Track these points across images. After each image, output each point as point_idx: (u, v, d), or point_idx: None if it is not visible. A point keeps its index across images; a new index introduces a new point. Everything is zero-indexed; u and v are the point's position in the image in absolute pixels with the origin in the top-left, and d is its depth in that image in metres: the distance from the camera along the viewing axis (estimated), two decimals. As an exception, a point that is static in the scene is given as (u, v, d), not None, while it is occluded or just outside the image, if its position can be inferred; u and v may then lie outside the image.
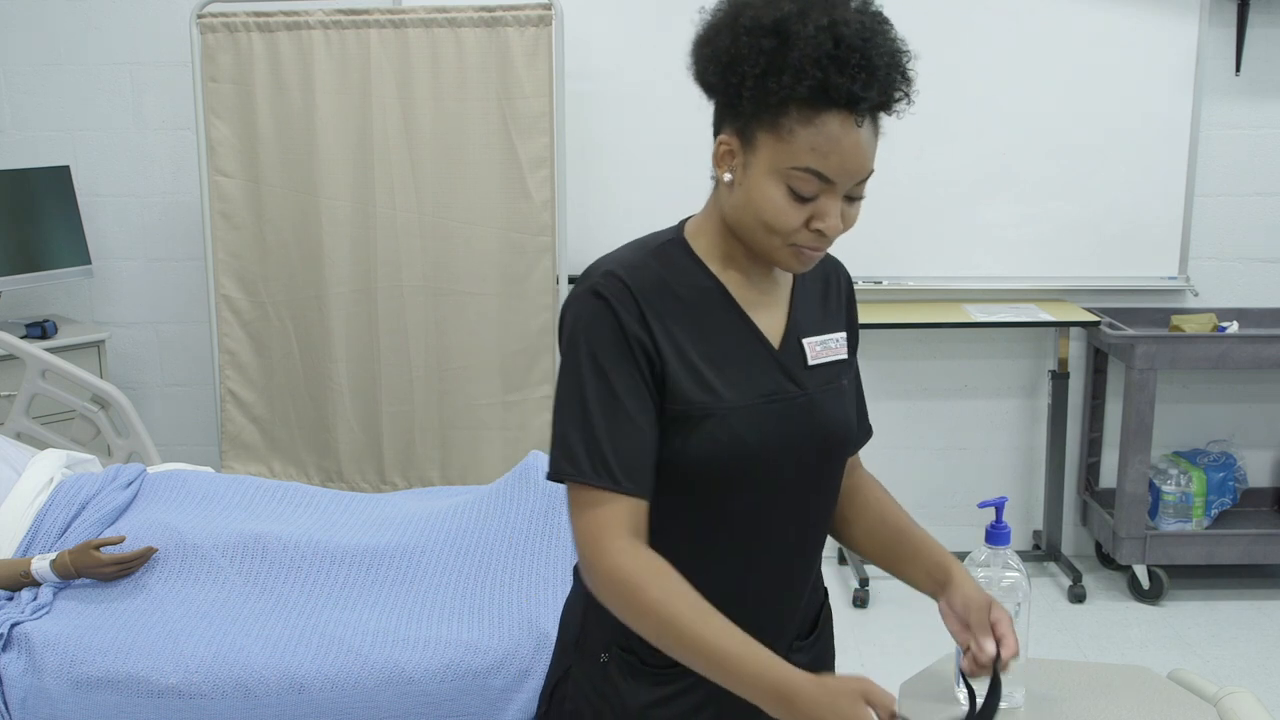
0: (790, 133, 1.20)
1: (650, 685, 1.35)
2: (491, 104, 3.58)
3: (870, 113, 1.22)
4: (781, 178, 1.21)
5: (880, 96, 1.20)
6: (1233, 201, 3.90)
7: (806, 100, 1.18)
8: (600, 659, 1.37)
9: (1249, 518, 3.95)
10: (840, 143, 1.19)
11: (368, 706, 2.13)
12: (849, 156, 1.20)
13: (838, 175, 1.21)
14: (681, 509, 1.31)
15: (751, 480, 1.31)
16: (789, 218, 1.23)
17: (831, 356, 1.37)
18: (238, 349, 3.81)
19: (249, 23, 3.62)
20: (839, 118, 1.19)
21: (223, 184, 3.71)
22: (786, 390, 1.32)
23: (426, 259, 3.68)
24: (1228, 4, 3.74)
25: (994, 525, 1.52)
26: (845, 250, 1.37)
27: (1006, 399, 4.05)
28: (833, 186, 1.22)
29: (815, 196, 1.22)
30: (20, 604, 2.33)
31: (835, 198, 1.23)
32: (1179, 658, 3.37)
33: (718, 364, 1.29)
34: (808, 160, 1.20)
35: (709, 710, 1.36)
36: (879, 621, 3.64)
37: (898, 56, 1.22)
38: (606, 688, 1.37)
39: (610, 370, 1.25)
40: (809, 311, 1.38)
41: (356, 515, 2.66)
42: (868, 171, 1.24)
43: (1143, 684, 1.56)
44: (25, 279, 3.79)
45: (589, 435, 1.24)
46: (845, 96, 1.18)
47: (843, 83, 1.17)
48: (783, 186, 1.22)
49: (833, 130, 1.19)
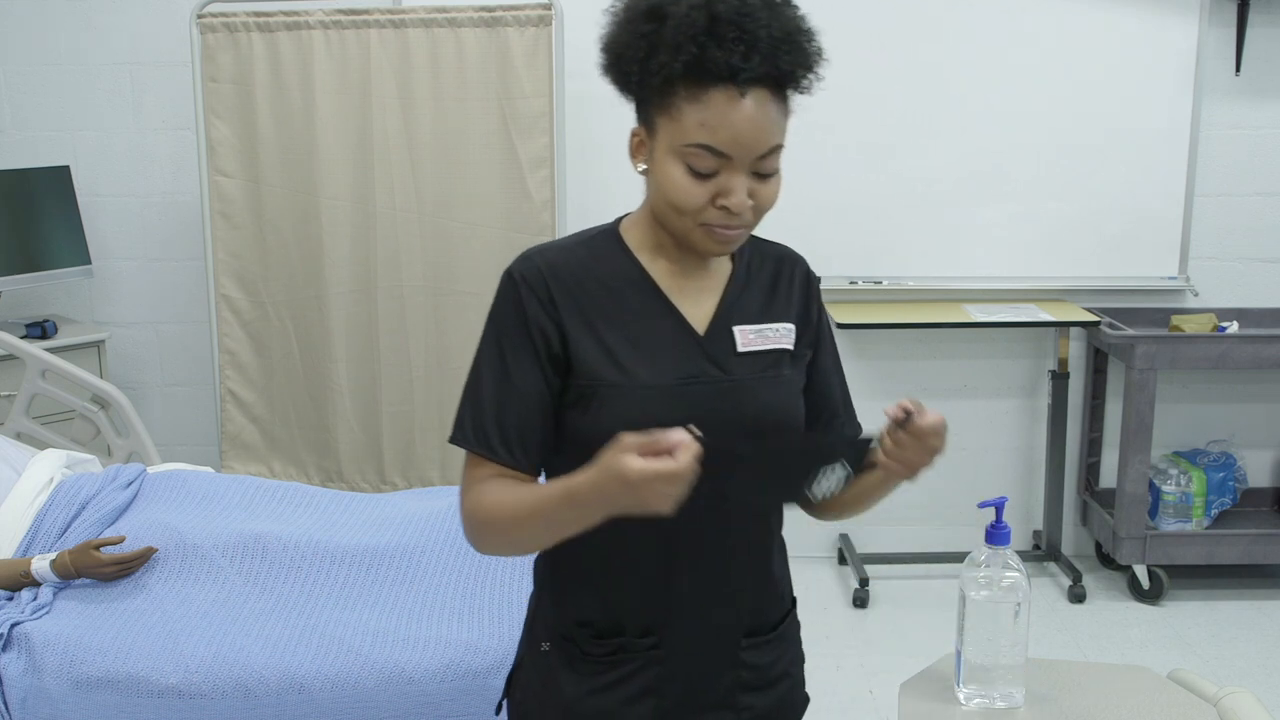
0: (680, 111, 1.23)
1: (589, 675, 1.37)
2: (491, 104, 3.58)
3: (758, 86, 1.22)
4: (679, 157, 1.24)
5: (765, 68, 1.21)
6: (1233, 201, 3.90)
7: (689, 78, 1.21)
8: (542, 648, 1.41)
9: (1249, 518, 3.95)
10: (728, 116, 1.21)
11: (368, 706, 2.13)
12: (740, 130, 1.22)
13: (731, 149, 1.22)
14: None
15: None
16: (692, 196, 1.25)
17: (768, 345, 1.37)
18: (238, 349, 3.81)
19: (249, 23, 3.62)
20: (724, 93, 1.21)
21: (223, 184, 3.71)
22: (709, 374, 1.33)
23: (426, 259, 3.68)
24: (1228, 4, 3.74)
25: (994, 525, 1.52)
26: (845, 250, 1.37)
27: (1006, 399, 4.05)
28: (730, 161, 1.23)
29: (716, 173, 1.24)
30: (20, 604, 2.33)
31: (737, 173, 1.24)
32: (1179, 658, 3.37)
33: (636, 347, 1.31)
34: (698, 136, 1.22)
35: (648, 700, 1.37)
36: (879, 621, 3.64)
37: (788, 30, 1.23)
38: (548, 677, 1.40)
39: (507, 348, 1.31)
40: (748, 300, 1.39)
41: (356, 515, 2.66)
42: (768, 145, 1.25)
43: (1143, 684, 1.56)
44: (25, 279, 3.79)
45: (478, 407, 1.31)
46: (724, 69, 1.20)
47: (720, 55, 1.19)
48: (681, 165, 1.24)
49: (719, 105, 1.21)
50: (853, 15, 3.65)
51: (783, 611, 1.46)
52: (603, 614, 1.36)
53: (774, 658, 1.44)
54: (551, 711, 1.40)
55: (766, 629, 1.43)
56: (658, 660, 1.36)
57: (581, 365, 1.30)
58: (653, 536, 1.32)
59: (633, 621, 1.36)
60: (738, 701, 1.40)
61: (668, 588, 1.35)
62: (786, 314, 1.41)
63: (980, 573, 1.51)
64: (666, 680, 1.37)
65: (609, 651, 1.36)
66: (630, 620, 1.36)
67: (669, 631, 1.36)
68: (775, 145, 1.25)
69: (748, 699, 1.41)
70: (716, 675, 1.39)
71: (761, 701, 1.42)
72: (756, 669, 1.41)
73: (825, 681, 3.25)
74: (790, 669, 1.47)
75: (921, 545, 4.06)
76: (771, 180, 1.28)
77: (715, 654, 1.39)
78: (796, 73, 1.25)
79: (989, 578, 1.50)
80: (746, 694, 1.41)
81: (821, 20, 1.34)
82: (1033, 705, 1.51)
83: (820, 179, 3.78)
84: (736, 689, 1.40)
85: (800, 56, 1.24)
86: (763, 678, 1.42)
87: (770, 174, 1.27)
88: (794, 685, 1.48)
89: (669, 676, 1.37)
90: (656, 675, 1.36)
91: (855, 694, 3.18)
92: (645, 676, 1.36)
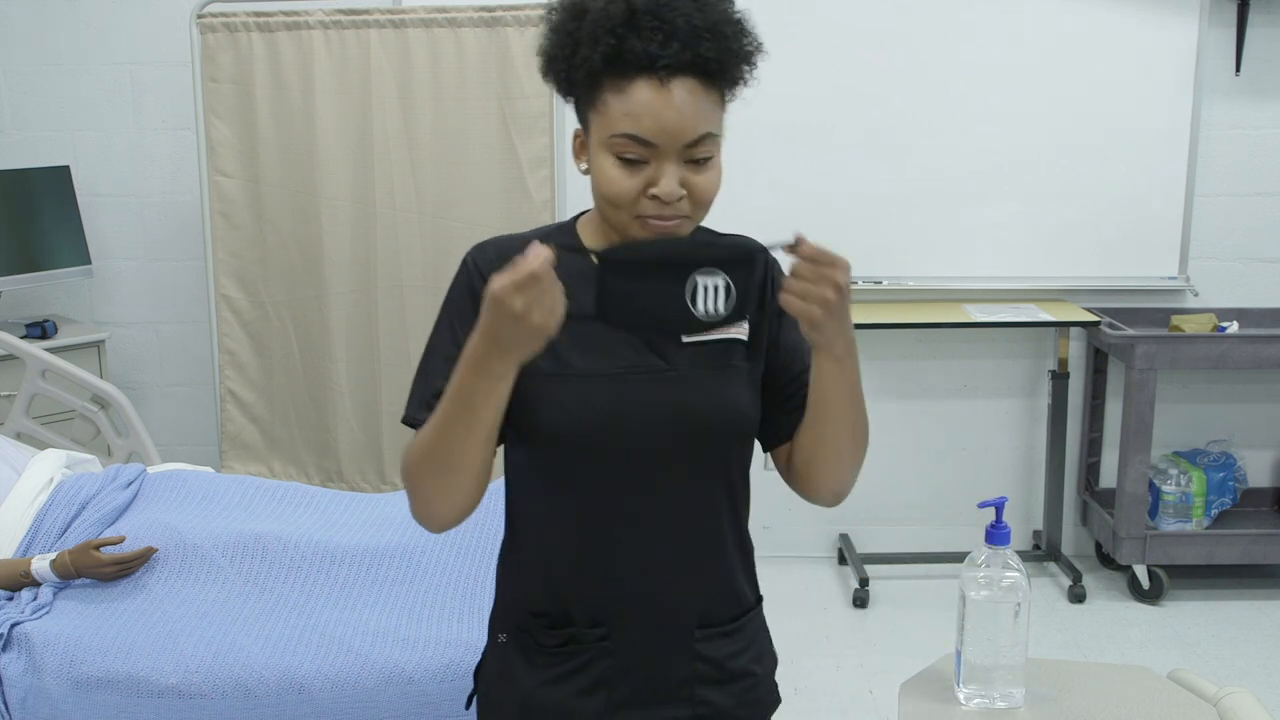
0: (606, 105, 1.25)
1: (543, 666, 1.38)
2: (491, 104, 3.58)
3: (683, 74, 1.22)
4: (608, 149, 1.26)
5: (685, 55, 1.22)
6: (1233, 201, 3.90)
7: (611, 71, 1.23)
8: (500, 639, 1.43)
9: (1249, 518, 3.95)
10: (651, 104, 1.22)
11: (368, 706, 2.13)
12: (664, 117, 1.22)
13: (656, 136, 1.23)
14: (541, 469, 1.37)
15: (603, 448, 1.33)
16: (621, 186, 1.26)
17: (714, 335, 1.36)
18: (238, 349, 3.81)
19: (249, 23, 3.62)
20: (646, 82, 1.22)
21: (223, 184, 3.71)
22: (649, 364, 1.34)
23: (426, 259, 3.68)
24: (1228, 4, 3.74)
25: (994, 525, 1.52)
26: (846, 250, 1.37)
27: (1006, 399, 4.05)
28: (657, 149, 1.24)
29: (645, 162, 1.25)
30: (20, 604, 2.33)
31: (665, 161, 1.24)
32: (1179, 658, 3.37)
33: (579, 337, 1.32)
34: (623, 126, 1.24)
35: (600, 692, 1.38)
36: (879, 621, 3.64)
37: (712, 20, 1.24)
38: (506, 668, 1.42)
39: (459, 328, 1.32)
40: None
41: (356, 515, 2.66)
42: (695, 133, 1.24)
43: (1143, 684, 1.56)
44: (25, 279, 3.80)
45: (425, 382, 1.35)
46: (643, 58, 1.21)
47: (638, 45, 1.21)
48: (610, 157, 1.26)
49: (641, 94, 1.23)
50: (853, 15, 3.65)
51: (741, 608, 1.44)
52: (551, 604, 1.38)
53: (733, 651, 1.42)
54: (509, 703, 1.41)
55: (723, 620, 1.41)
56: (608, 652, 1.37)
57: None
58: (595, 526, 1.35)
59: (580, 612, 1.37)
60: (695, 695, 1.40)
61: (611, 578, 1.36)
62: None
63: (980, 573, 1.51)
64: (619, 672, 1.38)
65: (560, 642, 1.37)
66: (578, 610, 1.37)
67: (617, 622, 1.37)
68: (705, 133, 1.25)
69: (705, 693, 1.40)
70: (670, 667, 1.39)
71: (720, 697, 1.41)
72: (713, 662, 1.40)
73: (825, 681, 3.25)
74: (753, 666, 1.45)
75: (921, 545, 4.06)
76: (707, 170, 1.27)
77: (668, 646, 1.38)
78: (724, 62, 1.25)
79: (989, 578, 1.50)
80: (704, 688, 1.40)
81: (821, 21, 1.34)
82: (1033, 705, 1.51)
83: (820, 179, 3.79)
84: (693, 681, 1.40)
85: (724, 45, 1.24)
86: (722, 671, 1.41)
87: (704, 162, 1.27)
88: (757, 684, 1.45)
89: (621, 668, 1.37)
90: (608, 667, 1.37)
91: (855, 694, 3.18)
92: (597, 668, 1.37)
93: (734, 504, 1.41)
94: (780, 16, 3.73)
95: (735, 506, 1.42)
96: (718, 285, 1.23)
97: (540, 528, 1.38)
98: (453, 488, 1.28)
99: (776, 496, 1.66)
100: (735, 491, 1.41)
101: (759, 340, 1.39)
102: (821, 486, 1.40)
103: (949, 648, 1.59)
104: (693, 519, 1.38)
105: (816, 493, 1.41)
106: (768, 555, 3.87)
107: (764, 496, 1.57)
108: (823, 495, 1.41)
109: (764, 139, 3.72)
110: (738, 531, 1.43)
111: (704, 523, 1.39)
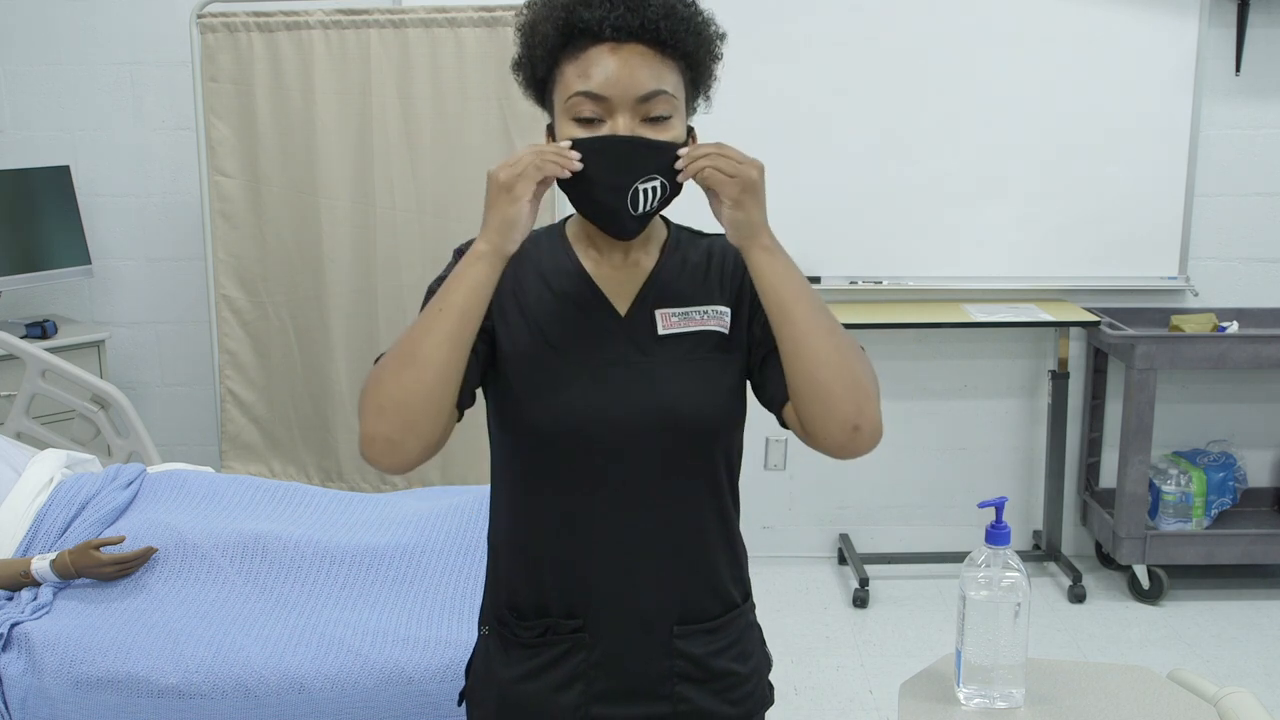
0: (564, 75, 1.31)
1: (521, 660, 1.40)
2: (491, 104, 3.59)
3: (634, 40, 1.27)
4: (566, 113, 1.31)
5: (634, 21, 1.27)
6: (1233, 201, 3.90)
7: (567, 46, 1.29)
8: (483, 632, 1.46)
9: (1249, 518, 3.95)
10: (602, 62, 1.28)
11: (368, 706, 2.13)
12: (613, 71, 1.27)
13: (606, 89, 1.27)
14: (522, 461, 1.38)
15: (583, 446, 1.34)
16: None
17: (693, 327, 1.37)
18: (238, 349, 3.81)
19: (249, 23, 3.62)
20: (598, 48, 1.28)
21: (223, 184, 3.72)
22: (629, 358, 1.36)
23: (426, 259, 3.68)
24: (1228, 4, 3.75)
25: (994, 525, 1.52)
26: (845, 250, 1.36)
27: (1006, 399, 4.05)
28: (609, 102, 1.28)
29: (600, 119, 1.29)
30: (20, 604, 2.33)
31: (619, 114, 1.28)
32: (1179, 658, 3.37)
33: (560, 331, 1.36)
34: (576, 85, 1.29)
35: (576, 686, 1.39)
36: (879, 621, 3.65)
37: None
38: (488, 661, 1.44)
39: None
40: (675, 286, 1.40)
41: (356, 515, 2.66)
42: (647, 87, 1.28)
43: (1143, 684, 1.56)
44: (25, 279, 3.80)
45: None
46: (592, 24, 1.27)
47: (586, 14, 1.27)
48: (569, 122, 1.31)
49: (593, 56, 1.29)
50: (853, 15, 3.65)
51: (724, 606, 1.43)
52: (528, 596, 1.39)
53: (715, 650, 1.41)
54: (490, 697, 1.43)
55: (704, 618, 1.41)
56: (585, 645, 1.38)
57: (506, 344, 1.36)
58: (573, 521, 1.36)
59: (557, 604, 1.38)
60: (675, 692, 1.40)
61: (588, 572, 1.37)
62: (720, 296, 1.41)
63: (980, 573, 1.51)
64: (595, 667, 1.38)
65: (537, 634, 1.38)
66: (555, 603, 1.38)
67: (593, 614, 1.37)
68: (658, 90, 1.29)
69: (685, 690, 1.40)
70: (649, 663, 1.39)
71: (701, 695, 1.41)
72: (693, 659, 1.40)
73: (825, 681, 3.25)
74: (735, 666, 1.43)
75: (921, 545, 4.06)
76: (665, 129, 1.30)
77: (646, 641, 1.38)
78: (675, 30, 1.29)
79: (989, 578, 1.50)
80: (683, 685, 1.40)
81: (822, 21, 1.35)
82: (1033, 705, 1.51)
83: (820, 179, 3.78)
84: (672, 678, 1.39)
85: (671, 11, 1.29)
86: (702, 670, 1.40)
87: (661, 121, 1.30)
88: (742, 683, 1.44)
89: (598, 662, 1.38)
90: (584, 660, 1.38)
91: (855, 694, 3.19)
92: (573, 661, 1.38)
93: (719, 502, 1.41)
94: (780, 17, 3.74)
95: (721, 505, 1.41)
96: (652, 182, 1.29)
97: (521, 521, 1.40)
98: (411, 386, 1.23)
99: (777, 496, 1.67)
100: (721, 490, 1.41)
101: (739, 332, 1.40)
102: (830, 420, 1.29)
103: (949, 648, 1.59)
104: (673, 516, 1.38)
105: (829, 430, 1.29)
106: (768, 555, 3.90)
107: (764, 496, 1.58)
108: (836, 431, 1.29)
109: (764, 139, 3.70)
110: (724, 529, 1.42)
111: (686, 520, 1.39)
